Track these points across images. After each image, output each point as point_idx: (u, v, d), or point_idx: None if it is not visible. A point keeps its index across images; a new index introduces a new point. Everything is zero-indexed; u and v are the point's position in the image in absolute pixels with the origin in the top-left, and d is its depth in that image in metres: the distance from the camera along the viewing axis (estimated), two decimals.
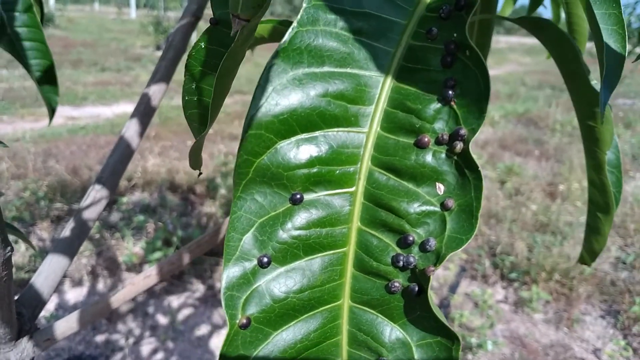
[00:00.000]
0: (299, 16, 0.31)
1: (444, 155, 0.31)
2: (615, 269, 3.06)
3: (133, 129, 0.81)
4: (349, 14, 0.32)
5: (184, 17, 0.80)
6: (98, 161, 4.07)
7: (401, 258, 0.31)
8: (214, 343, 2.25)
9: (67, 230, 0.77)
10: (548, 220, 3.50)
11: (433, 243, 0.30)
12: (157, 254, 2.70)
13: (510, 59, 15.41)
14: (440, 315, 0.30)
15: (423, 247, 0.31)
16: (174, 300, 2.54)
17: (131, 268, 2.73)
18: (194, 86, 0.38)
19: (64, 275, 2.60)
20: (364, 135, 0.32)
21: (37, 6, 0.81)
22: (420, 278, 0.31)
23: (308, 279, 0.32)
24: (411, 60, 0.32)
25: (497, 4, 0.70)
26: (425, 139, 0.31)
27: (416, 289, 0.31)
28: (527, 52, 16.60)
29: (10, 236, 0.56)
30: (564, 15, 0.77)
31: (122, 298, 0.72)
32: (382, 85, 0.32)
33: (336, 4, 0.32)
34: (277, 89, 0.31)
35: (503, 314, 2.67)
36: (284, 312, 0.32)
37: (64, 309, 2.38)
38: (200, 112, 0.43)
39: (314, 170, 0.32)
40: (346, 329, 0.33)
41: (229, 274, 0.31)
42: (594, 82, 0.52)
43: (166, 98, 6.97)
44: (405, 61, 0.32)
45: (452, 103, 0.30)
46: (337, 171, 0.32)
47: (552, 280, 2.85)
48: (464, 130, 0.30)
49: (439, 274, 2.89)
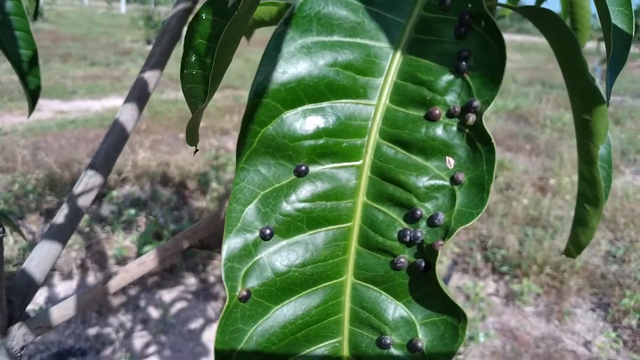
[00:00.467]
0: None
1: (455, 129, 0.30)
2: (605, 263, 3.08)
3: (127, 114, 0.79)
4: None
5: (180, 2, 0.79)
6: (87, 155, 4.03)
7: (408, 233, 0.30)
8: (206, 336, 2.23)
9: (59, 216, 0.76)
10: (539, 215, 3.51)
11: (442, 217, 0.29)
12: (148, 248, 2.68)
13: None
14: (448, 291, 0.29)
15: (431, 222, 0.30)
16: (166, 294, 2.52)
17: (121, 262, 2.71)
18: (193, 59, 0.37)
19: (53, 269, 2.58)
20: (373, 108, 0.31)
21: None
22: (427, 253, 0.30)
23: (311, 253, 0.31)
24: (423, 31, 0.31)
25: None
26: (436, 112, 0.30)
27: (423, 264, 0.30)
28: (518, 49, 16.66)
29: None
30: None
31: (116, 285, 0.71)
32: (392, 57, 0.31)
33: None
34: (285, 57, 0.30)
35: (494, 307, 2.68)
36: (285, 287, 0.31)
37: (54, 303, 2.35)
38: (199, 86, 0.42)
39: (320, 141, 0.31)
40: (348, 306, 0.33)
41: (230, 244, 0.30)
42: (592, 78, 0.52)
43: (156, 92, 6.91)
44: (416, 33, 0.31)
45: (465, 75, 0.30)
46: (344, 144, 0.31)
47: (543, 273, 2.87)
48: (477, 102, 0.29)
49: None
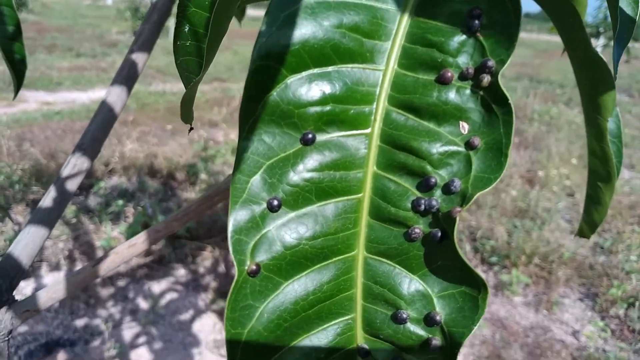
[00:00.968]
0: None
1: (468, 91, 0.29)
2: (593, 254, 3.11)
3: (115, 95, 0.77)
4: None
5: None
6: (74, 146, 3.97)
7: (422, 202, 0.29)
8: (197, 327, 2.22)
9: (46, 199, 0.73)
10: (527, 206, 3.53)
11: (458, 184, 0.28)
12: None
13: None
14: (467, 260, 0.28)
15: (447, 189, 0.28)
16: (155, 285, 2.49)
17: None
18: (186, 29, 0.35)
19: (41, 260, 2.54)
20: (380, 73, 0.30)
21: None
22: (443, 222, 0.28)
23: (321, 225, 0.30)
24: None
25: None
26: (449, 74, 0.28)
27: (439, 234, 0.29)
28: None
29: None
30: None
31: (106, 267, 0.69)
32: (400, 20, 0.30)
33: None
34: (288, 18, 0.28)
35: None
36: (295, 261, 0.29)
37: None
38: (193, 59, 0.40)
39: (327, 108, 0.29)
40: (361, 281, 0.31)
41: (236, 217, 0.28)
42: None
43: (143, 84, 6.84)
44: None
45: (478, 34, 0.28)
46: (352, 111, 0.30)
47: (532, 264, 2.88)
48: (491, 62, 0.27)
49: None
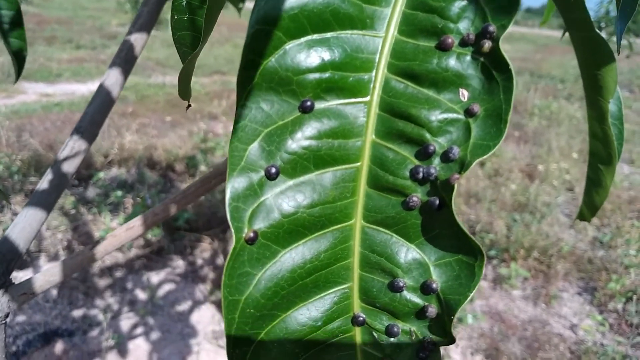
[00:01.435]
0: None
1: (468, 58, 0.28)
2: (592, 248, 3.11)
3: (113, 77, 0.77)
4: None
5: None
6: None
7: (421, 169, 0.29)
8: (195, 318, 2.22)
9: (44, 182, 0.73)
10: (526, 200, 3.53)
11: (456, 151, 0.28)
12: None
13: None
14: (464, 228, 0.28)
15: (445, 157, 0.28)
16: (154, 276, 2.49)
17: None
18: (184, 3, 0.35)
19: (39, 250, 2.54)
20: (380, 40, 0.30)
21: None
22: (441, 190, 0.28)
23: (319, 194, 0.30)
24: None
25: None
26: (449, 40, 0.28)
27: (437, 202, 0.28)
28: (506, 40, 16.68)
29: None
30: None
31: (104, 250, 0.68)
32: None
33: None
34: None
35: (482, 290, 2.69)
36: (292, 229, 0.29)
37: None
38: (191, 33, 0.40)
39: (326, 75, 0.29)
40: (358, 251, 0.31)
41: (234, 184, 0.28)
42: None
43: (143, 76, 6.83)
44: None
45: None
46: (351, 78, 0.29)
47: (531, 257, 2.89)
48: (492, 27, 0.27)
49: None
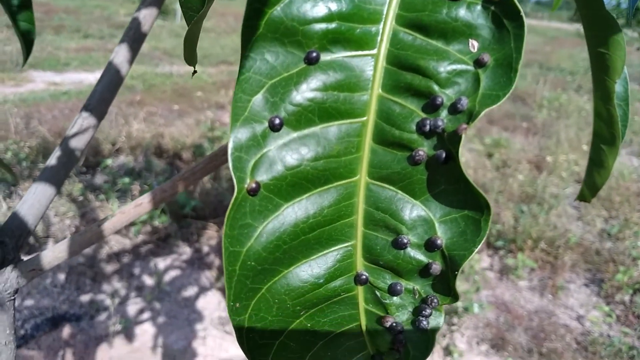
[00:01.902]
0: None
1: (479, 7, 0.28)
2: (600, 240, 3.09)
3: (122, 55, 0.77)
4: None
5: None
6: None
7: (428, 122, 0.28)
8: (201, 304, 2.23)
9: (52, 159, 0.73)
10: (534, 192, 3.51)
11: (465, 102, 0.27)
12: (143, 216, 2.65)
13: None
14: (471, 181, 0.27)
15: (453, 108, 0.28)
16: (160, 262, 2.51)
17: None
18: None
19: (47, 235, 2.56)
20: None
21: None
22: (448, 142, 0.28)
23: (323, 147, 0.29)
24: None
25: None
26: None
27: (443, 155, 0.28)
28: None
29: None
30: None
31: (112, 227, 0.68)
32: None
33: None
34: None
35: (489, 280, 2.69)
36: (296, 182, 0.29)
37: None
38: None
39: (333, 26, 0.28)
40: (362, 208, 0.31)
41: (237, 134, 0.28)
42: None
43: (150, 65, 6.83)
44: None
45: None
46: (358, 30, 0.29)
47: (538, 248, 2.87)
48: None
49: None
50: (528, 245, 2.89)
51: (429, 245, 0.30)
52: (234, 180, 0.27)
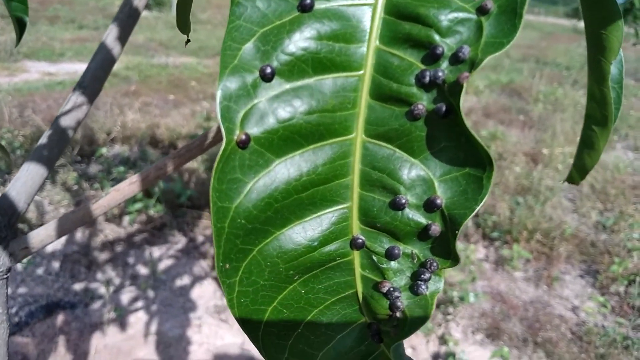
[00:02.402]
0: None
1: None
2: (595, 232, 3.09)
3: (115, 34, 0.75)
4: None
5: None
6: None
7: (427, 73, 0.27)
8: (196, 292, 2.22)
9: (45, 137, 0.72)
10: (530, 184, 3.51)
11: (467, 51, 0.26)
12: (138, 205, 2.64)
13: None
14: (474, 133, 0.26)
15: (455, 58, 0.26)
16: (155, 251, 2.49)
17: (110, 219, 2.67)
18: None
19: (41, 224, 2.54)
20: None
21: None
22: (449, 94, 0.26)
23: (317, 100, 0.28)
24: None
25: None
26: None
27: (443, 108, 0.27)
28: None
29: None
30: None
31: (106, 205, 0.67)
32: None
33: None
34: None
35: (484, 271, 2.68)
36: (288, 136, 0.28)
37: (42, 257, 2.32)
38: None
39: None
40: (358, 168, 0.29)
41: (226, 83, 0.26)
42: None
43: (146, 57, 6.79)
44: None
45: None
46: None
47: (533, 239, 2.87)
48: None
49: None
50: (523, 237, 2.89)
51: (428, 206, 0.28)
52: (223, 131, 0.26)
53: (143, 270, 2.35)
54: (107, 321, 2.00)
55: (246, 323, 0.30)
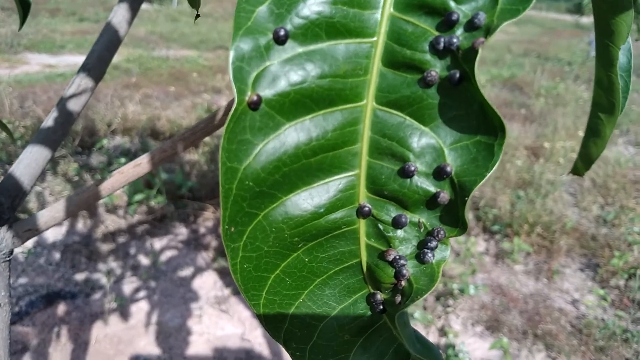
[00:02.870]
0: None
1: None
2: (596, 225, 3.09)
3: (121, 15, 0.74)
4: None
5: None
6: None
7: (442, 39, 0.27)
8: (197, 283, 2.22)
9: (49, 120, 0.71)
10: (531, 178, 3.51)
11: (482, 17, 0.26)
12: (139, 196, 2.64)
13: None
14: (487, 98, 0.26)
15: (470, 24, 0.26)
16: (157, 243, 2.49)
17: (111, 210, 2.67)
18: None
19: None
20: None
21: None
22: (463, 61, 0.26)
23: (329, 65, 0.28)
24: None
25: None
26: None
27: (457, 75, 0.27)
28: (514, 22, 16.43)
29: None
30: None
31: (110, 187, 0.67)
32: None
33: None
34: None
35: (484, 264, 2.69)
36: (299, 100, 0.27)
37: (43, 247, 2.32)
38: None
39: None
40: (368, 135, 0.29)
41: (239, 44, 0.26)
42: None
43: (147, 49, 6.77)
44: None
45: None
46: None
47: (534, 233, 2.87)
48: None
49: None
50: (524, 230, 2.89)
51: (438, 173, 0.28)
52: (234, 91, 0.26)
53: (144, 260, 2.35)
54: (108, 311, 2.00)
55: (248, 290, 0.30)
